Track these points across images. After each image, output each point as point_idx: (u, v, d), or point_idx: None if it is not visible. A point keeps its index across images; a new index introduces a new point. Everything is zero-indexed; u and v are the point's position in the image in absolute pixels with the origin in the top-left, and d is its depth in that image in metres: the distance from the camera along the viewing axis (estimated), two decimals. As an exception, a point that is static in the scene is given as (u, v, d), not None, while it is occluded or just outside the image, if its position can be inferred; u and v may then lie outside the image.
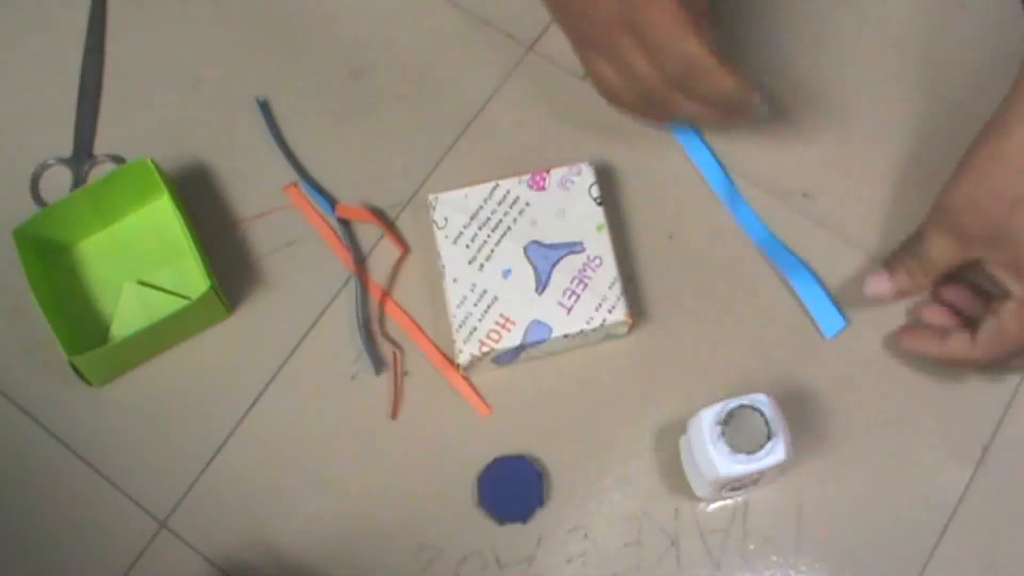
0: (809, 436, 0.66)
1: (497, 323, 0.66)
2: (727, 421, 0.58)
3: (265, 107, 0.75)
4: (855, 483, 0.66)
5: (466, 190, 0.69)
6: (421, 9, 0.78)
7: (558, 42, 0.76)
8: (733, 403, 0.59)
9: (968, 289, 0.66)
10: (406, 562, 0.65)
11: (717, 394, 0.67)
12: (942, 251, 0.63)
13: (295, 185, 0.73)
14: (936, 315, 0.67)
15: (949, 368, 0.66)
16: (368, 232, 0.72)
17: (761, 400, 0.59)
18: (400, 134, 0.75)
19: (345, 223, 0.72)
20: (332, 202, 0.72)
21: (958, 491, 0.66)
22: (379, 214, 0.72)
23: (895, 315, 0.69)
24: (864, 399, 0.68)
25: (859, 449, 0.66)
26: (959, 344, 0.64)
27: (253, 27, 0.78)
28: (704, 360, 0.68)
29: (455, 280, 0.67)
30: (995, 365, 0.64)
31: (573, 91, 0.75)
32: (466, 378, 0.68)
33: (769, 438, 0.58)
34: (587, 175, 0.69)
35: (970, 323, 0.64)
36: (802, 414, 0.67)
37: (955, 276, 0.65)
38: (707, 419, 0.59)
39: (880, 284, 0.66)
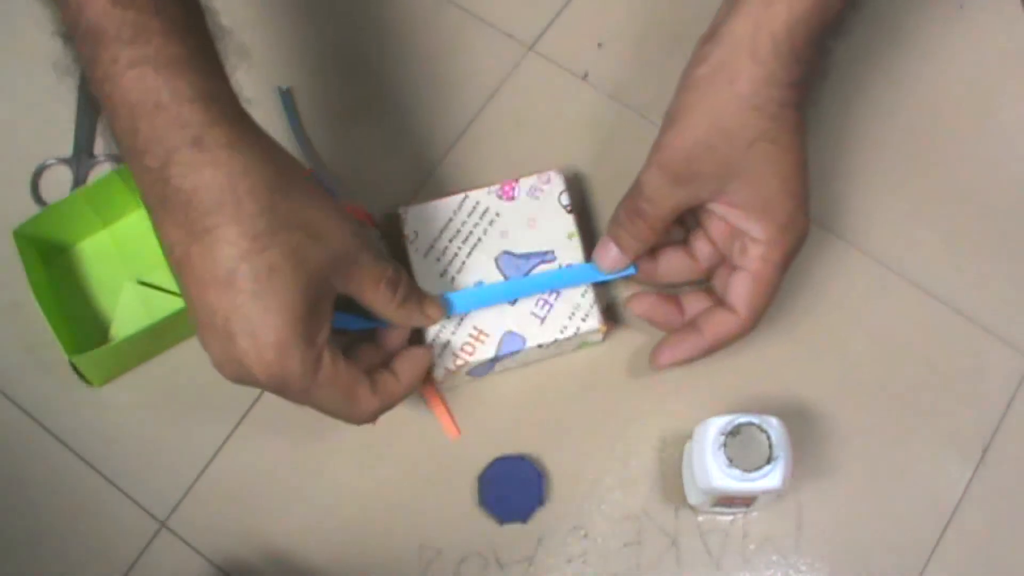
0: (809, 436, 0.66)
1: (471, 336, 0.65)
2: (733, 434, 0.58)
3: (287, 96, 0.75)
4: (856, 483, 0.66)
5: (436, 202, 0.68)
6: (421, 9, 0.78)
7: (558, 42, 0.77)
8: (743, 418, 0.58)
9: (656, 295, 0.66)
10: (406, 562, 0.65)
11: (719, 395, 0.67)
12: (667, 196, 0.61)
13: (310, 171, 0.73)
14: (646, 305, 0.65)
15: (712, 357, 0.64)
16: (369, 232, 0.72)
17: (771, 422, 0.58)
18: (400, 134, 0.75)
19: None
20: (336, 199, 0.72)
21: (958, 491, 0.66)
22: (377, 216, 0.72)
23: (892, 312, 0.69)
24: (864, 399, 0.68)
25: (859, 449, 0.66)
26: (721, 323, 0.62)
27: (255, 26, 0.78)
28: (707, 361, 0.68)
29: None
30: (760, 320, 0.63)
31: (574, 91, 0.75)
32: (438, 393, 0.68)
33: (769, 462, 0.58)
34: (556, 183, 0.69)
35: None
36: (802, 413, 0.67)
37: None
38: (713, 427, 0.59)
39: (608, 255, 0.64)
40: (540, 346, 0.66)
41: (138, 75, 0.51)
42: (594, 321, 0.66)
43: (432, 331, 0.66)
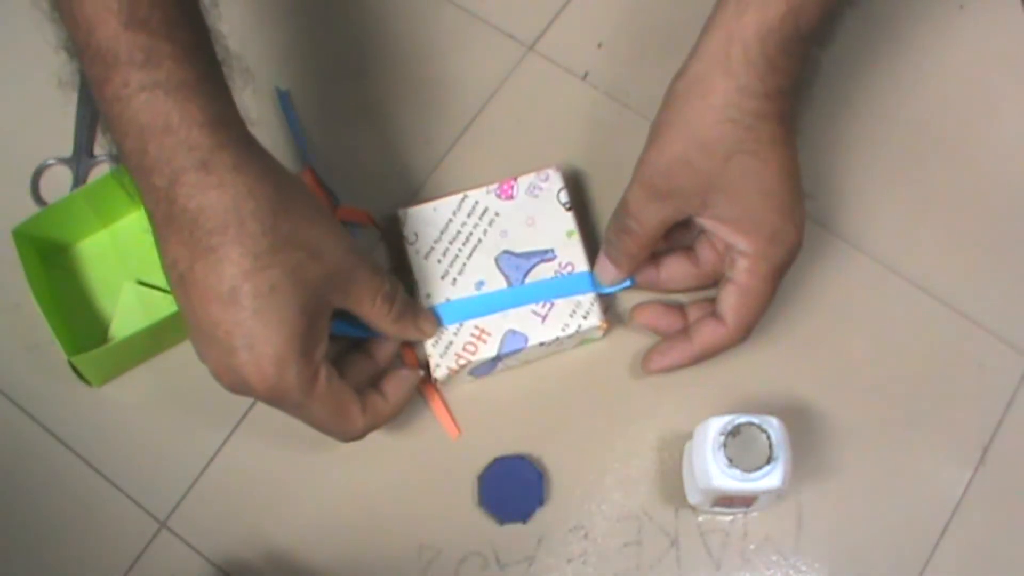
0: (809, 436, 0.66)
1: (472, 335, 0.66)
2: (733, 434, 0.58)
3: (286, 97, 0.75)
4: (856, 483, 0.66)
5: (435, 203, 0.68)
6: (421, 9, 0.78)
7: (558, 42, 0.77)
8: (742, 418, 0.58)
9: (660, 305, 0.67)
10: (406, 562, 0.65)
11: (719, 395, 0.67)
12: (651, 213, 0.62)
13: (311, 170, 0.73)
14: (650, 315, 0.67)
15: (711, 360, 0.65)
16: (368, 233, 0.72)
17: (771, 422, 0.58)
18: (400, 134, 0.75)
19: (345, 224, 0.72)
20: (335, 200, 0.72)
21: (958, 491, 0.66)
22: (377, 217, 0.72)
23: (892, 312, 0.70)
24: (864, 399, 0.68)
25: (859, 449, 0.66)
26: (709, 333, 0.63)
27: (254, 28, 0.78)
28: (707, 361, 0.68)
29: (428, 295, 0.67)
30: (749, 332, 0.64)
31: (574, 91, 0.75)
32: (439, 392, 0.68)
33: (769, 462, 0.58)
34: (555, 181, 0.69)
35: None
36: (802, 413, 0.67)
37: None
38: (713, 427, 0.59)
39: (607, 271, 0.66)
40: (542, 344, 0.66)
41: (149, 98, 0.52)
42: (595, 319, 0.66)
43: None
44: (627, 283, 0.67)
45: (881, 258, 0.70)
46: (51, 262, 0.71)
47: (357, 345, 0.64)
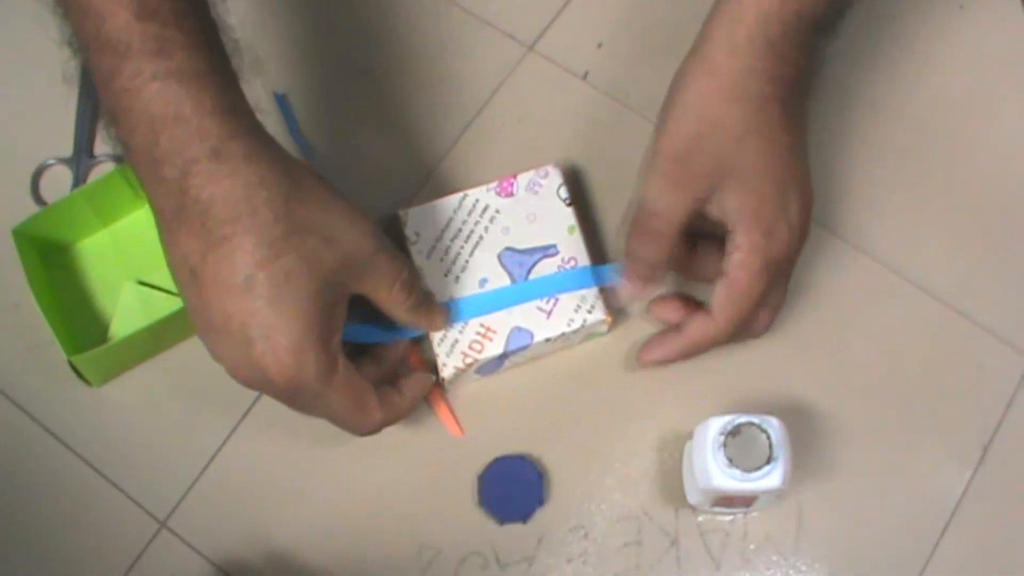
0: (809, 436, 0.66)
1: (478, 333, 0.66)
2: (733, 434, 0.58)
3: (284, 101, 0.75)
4: (855, 483, 0.66)
5: (435, 202, 0.68)
6: (422, 9, 0.78)
7: (558, 42, 0.77)
8: (742, 418, 0.58)
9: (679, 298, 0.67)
10: (406, 562, 0.65)
11: (719, 395, 0.67)
12: (672, 204, 0.60)
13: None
14: (666, 308, 0.66)
15: (699, 355, 0.64)
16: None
17: (771, 422, 0.58)
18: (400, 135, 0.75)
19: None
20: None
21: (958, 491, 0.66)
22: (378, 216, 0.72)
23: (893, 312, 0.70)
24: (864, 399, 0.68)
25: (859, 449, 0.66)
26: (697, 326, 0.62)
27: (256, 27, 0.78)
28: (708, 359, 0.68)
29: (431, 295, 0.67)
30: (741, 332, 0.63)
31: (574, 91, 0.75)
32: (442, 392, 0.68)
33: (769, 462, 0.58)
34: (554, 177, 0.69)
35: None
36: (802, 413, 0.67)
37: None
38: (713, 427, 0.59)
39: (628, 292, 0.64)
40: (548, 340, 0.66)
41: (161, 88, 0.52)
42: (600, 312, 0.66)
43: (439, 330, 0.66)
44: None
45: (881, 258, 0.70)
46: (51, 262, 0.71)
47: (363, 350, 0.64)
